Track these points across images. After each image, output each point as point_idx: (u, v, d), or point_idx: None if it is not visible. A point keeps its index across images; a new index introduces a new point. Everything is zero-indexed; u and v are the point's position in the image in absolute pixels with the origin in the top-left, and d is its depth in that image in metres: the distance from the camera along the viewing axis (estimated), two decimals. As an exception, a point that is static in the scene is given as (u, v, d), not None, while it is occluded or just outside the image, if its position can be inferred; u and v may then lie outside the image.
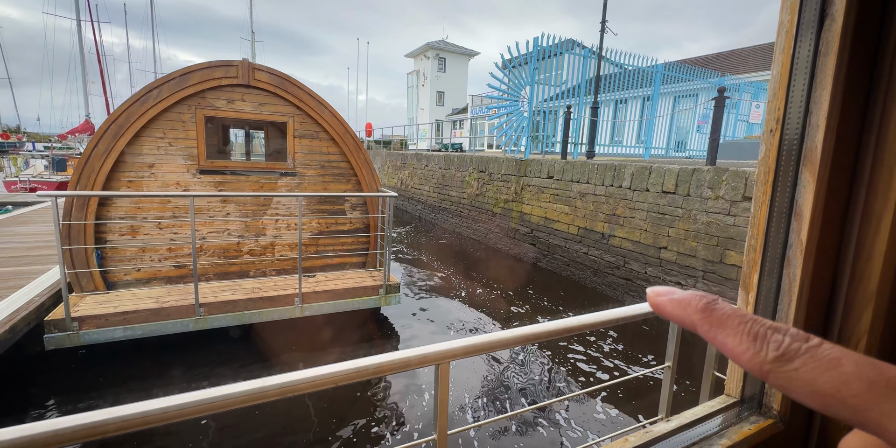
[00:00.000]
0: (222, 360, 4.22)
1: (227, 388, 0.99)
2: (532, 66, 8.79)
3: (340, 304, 4.66)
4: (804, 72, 0.52)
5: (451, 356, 1.36)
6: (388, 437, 3.34)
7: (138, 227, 4.45)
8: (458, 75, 32.08)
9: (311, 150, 5.19)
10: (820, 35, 0.51)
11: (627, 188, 6.54)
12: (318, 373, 1.09)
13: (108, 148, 4.21)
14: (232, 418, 3.37)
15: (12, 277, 4.34)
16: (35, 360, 3.80)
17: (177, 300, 4.04)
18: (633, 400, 3.90)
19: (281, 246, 5.11)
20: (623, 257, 6.59)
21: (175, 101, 4.44)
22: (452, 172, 11.97)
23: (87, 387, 3.66)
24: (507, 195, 9.39)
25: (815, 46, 0.51)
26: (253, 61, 4.83)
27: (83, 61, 21.57)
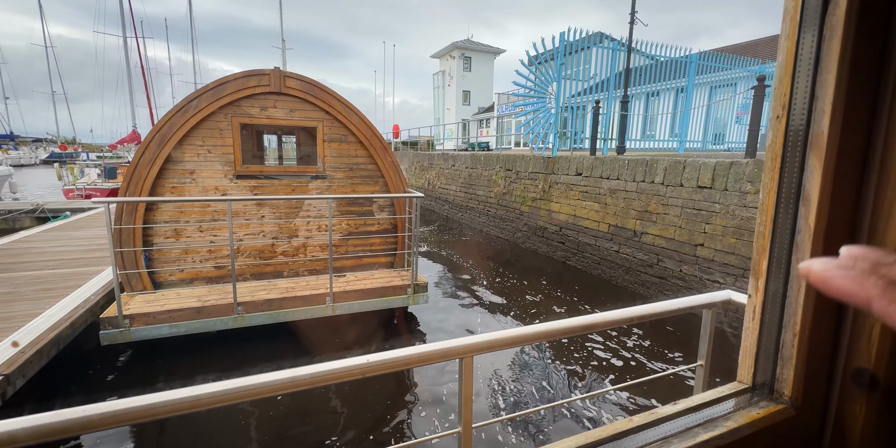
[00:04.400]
0: (259, 355, 4.41)
1: (262, 377, 1.05)
2: (559, 61, 8.65)
3: (370, 304, 4.77)
4: (809, 57, 0.52)
5: (474, 350, 1.39)
6: (414, 428, 3.40)
7: (181, 230, 4.72)
8: (483, 74, 31.98)
9: (340, 154, 5.33)
10: (824, 20, 0.50)
11: (660, 184, 6.33)
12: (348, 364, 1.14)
13: (153, 156, 4.50)
14: (266, 406, 3.53)
15: (71, 278, 4.71)
16: (92, 353, 4.10)
17: (217, 299, 4.26)
18: (661, 399, 3.78)
19: (312, 247, 5.29)
20: (656, 255, 6.39)
21: (213, 111, 4.68)
22: (479, 171, 11.96)
23: (137, 379, 3.93)
24: (535, 193, 9.29)
25: (819, 32, 0.50)
26: (284, 69, 5.02)
27: (129, 75, 23.04)
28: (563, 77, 8.76)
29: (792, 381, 0.66)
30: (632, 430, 0.75)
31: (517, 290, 6.97)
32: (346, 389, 3.84)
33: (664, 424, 0.73)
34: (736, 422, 0.67)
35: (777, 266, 0.62)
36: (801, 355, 0.64)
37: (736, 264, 5.27)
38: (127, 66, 22.54)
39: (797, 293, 0.60)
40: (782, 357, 0.68)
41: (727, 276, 5.39)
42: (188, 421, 3.40)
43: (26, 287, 4.38)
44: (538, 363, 4.50)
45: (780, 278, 0.62)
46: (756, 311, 0.70)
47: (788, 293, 0.62)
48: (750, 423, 0.66)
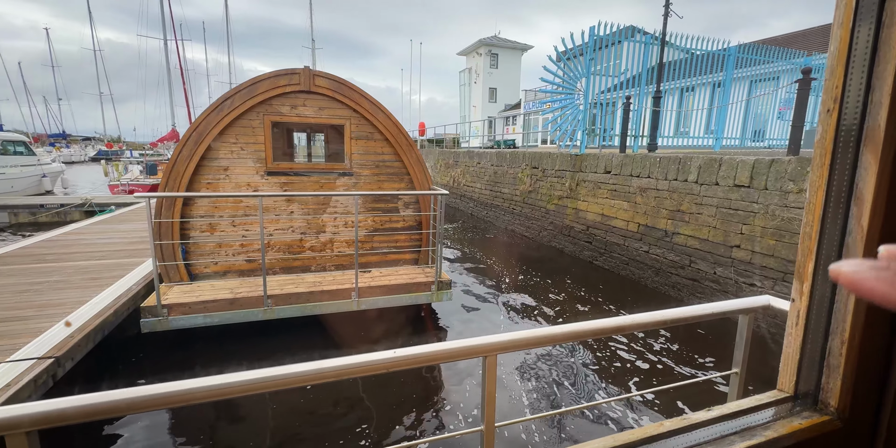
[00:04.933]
0: (288, 347, 4.55)
1: (291, 368, 1.09)
2: (588, 56, 8.45)
3: (394, 299, 4.82)
4: (865, 46, 0.48)
5: (498, 349, 1.38)
6: (437, 424, 3.42)
7: (215, 224, 4.91)
8: (510, 71, 31.62)
9: (367, 151, 5.40)
10: (884, 6, 0.46)
11: (694, 182, 6.10)
12: (374, 358, 1.16)
13: (190, 153, 4.69)
14: (294, 396, 3.63)
15: (115, 268, 4.98)
16: (133, 340, 4.33)
17: (248, 291, 4.41)
18: (690, 405, 3.65)
19: (339, 242, 5.39)
20: (689, 256, 6.17)
21: (246, 109, 4.83)
22: (505, 169, 11.86)
23: (174, 366, 4.13)
24: (562, 191, 9.14)
25: (877, 19, 0.47)
26: (313, 68, 5.12)
27: (169, 76, 24.08)
28: (592, 73, 8.55)
29: (839, 391, 0.62)
30: (663, 435, 0.73)
31: (541, 289, 6.89)
32: (371, 383, 3.90)
33: (697, 431, 0.71)
34: (776, 431, 0.64)
35: (824, 269, 0.58)
36: (849, 364, 0.60)
37: (775, 267, 5.02)
38: (167, 68, 23.58)
39: (846, 298, 0.56)
40: (828, 365, 0.64)
41: (765, 280, 5.15)
42: (219, 407, 3.54)
43: (75, 276, 4.67)
44: (563, 364, 4.44)
45: (828, 282, 0.58)
46: (800, 316, 0.66)
47: (837, 298, 0.58)
48: (791, 433, 0.63)
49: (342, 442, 3.16)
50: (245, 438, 3.20)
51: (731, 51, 9.59)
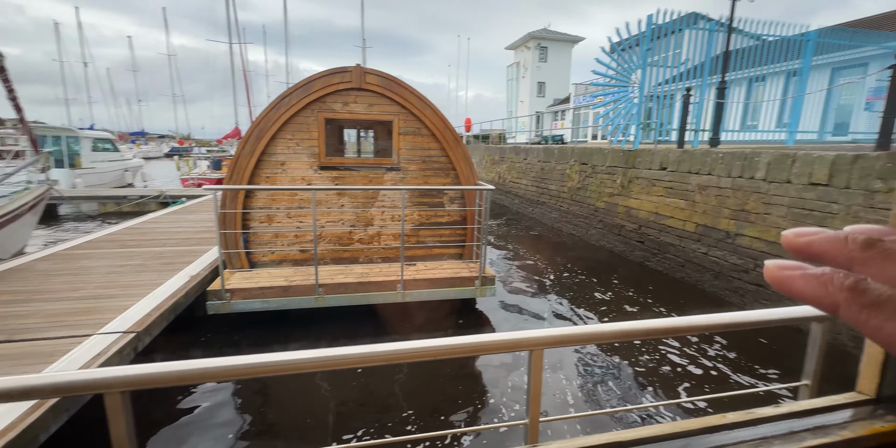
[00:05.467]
0: (336, 334, 4.77)
1: (342, 350, 1.15)
2: (645, 47, 8.03)
3: (438, 293, 4.90)
4: None
5: (544, 344, 1.38)
6: (480, 415, 3.46)
7: (273, 215, 5.22)
8: (560, 64, 30.70)
9: (414, 146, 5.50)
10: None
11: (762, 180, 5.64)
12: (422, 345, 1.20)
13: (252, 149, 5.01)
14: (340, 379, 3.81)
15: (185, 254, 5.45)
16: (201, 320, 4.72)
17: (301, 280, 4.66)
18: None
19: (386, 235, 5.54)
20: (753, 260, 5.73)
21: (301, 107, 5.08)
22: (552, 165, 11.59)
23: (234, 345, 4.46)
24: (612, 189, 8.79)
25: None
26: (364, 66, 5.28)
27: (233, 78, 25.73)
28: (648, 64, 8.11)
29: None
30: (725, 426, 0.70)
31: (587, 288, 6.69)
32: (418, 370, 4.00)
33: (764, 425, 0.68)
34: (854, 432, 0.60)
35: None
36: None
37: (855, 274, 4.55)
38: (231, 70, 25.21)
39: None
40: None
41: (842, 287, 4.67)
42: (275, 383, 3.79)
43: (152, 260, 5.16)
44: (609, 363, 4.31)
45: None
46: None
47: None
48: (871, 435, 0.58)
49: (390, 425, 3.27)
50: (298, 414, 3.41)
51: (810, 36, 8.72)
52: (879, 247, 0.20)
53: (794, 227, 0.22)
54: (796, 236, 0.22)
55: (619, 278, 7.14)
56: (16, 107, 7.25)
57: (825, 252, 0.21)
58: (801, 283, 0.20)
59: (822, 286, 0.20)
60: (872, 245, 0.20)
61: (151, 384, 0.98)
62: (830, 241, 0.21)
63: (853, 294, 0.19)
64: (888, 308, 0.18)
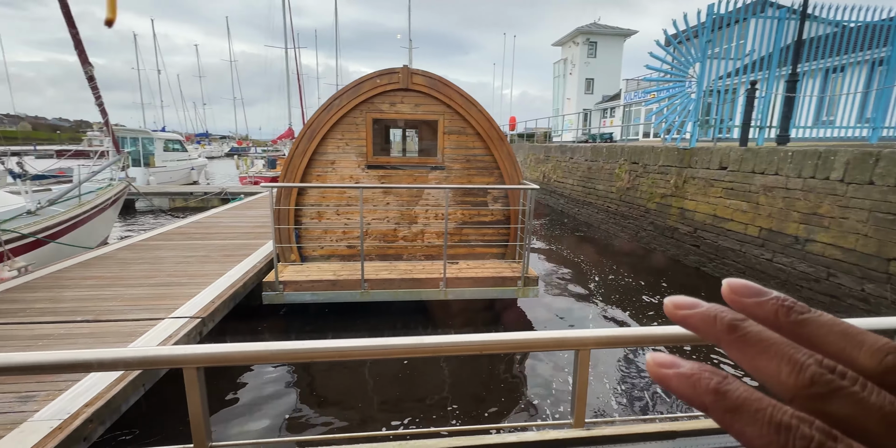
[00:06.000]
0: (380, 328, 4.92)
1: (391, 340, 1.20)
2: (704, 38, 7.57)
3: (480, 292, 4.91)
4: None
5: (591, 344, 1.36)
6: (522, 412, 3.45)
7: (323, 212, 5.46)
8: (610, 59, 29.56)
9: (459, 145, 5.53)
10: None
11: (838, 181, 5.16)
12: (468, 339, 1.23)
13: (304, 149, 5.27)
14: (387, 369, 3.92)
15: (244, 247, 5.83)
16: (257, 309, 5.03)
17: (348, 274, 4.84)
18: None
19: (429, 233, 5.63)
20: (827, 268, 5.25)
21: (351, 108, 5.27)
22: (600, 164, 11.21)
23: (285, 334, 4.72)
24: (665, 189, 8.37)
25: None
26: (410, 67, 5.38)
27: (287, 81, 27.07)
28: (708, 56, 7.63)
29: None
30: None
31: (635, 292, 6.43)
32: (462, 364, 4.05)
33: None
34: None
35: None
36: None
37: (950, 286, 4.05)
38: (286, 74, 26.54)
39: None
40: None
41: (933, 301, 4.18)
42: (324, 370, 3.98)
43: (215, 252, 5.57)
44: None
45: None
46: None
47: None
48: None
49: (435, 417, 3.34)
50: (346, 399, 3.56)
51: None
52: (740, 332, 0.20)
53: (679, 297, 0.23)
54: (675, 308, 0.22)
55: (671, 283, 6.79)
56: (102, 111, 8.07)
57: (699, 329, 0.21)
58: (674, 382, 0.20)
59: (692, 387, 0.20)
60: (735, 329, 0.20)
61: (223, 362, 1.08)
62: (703, 320, 0.21)
63: (716, 397, 0.19)
64: (745, 412, 0.18)
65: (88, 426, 2.26)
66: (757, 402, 0.18)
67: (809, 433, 0.17)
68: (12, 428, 2.16)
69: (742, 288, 0.22)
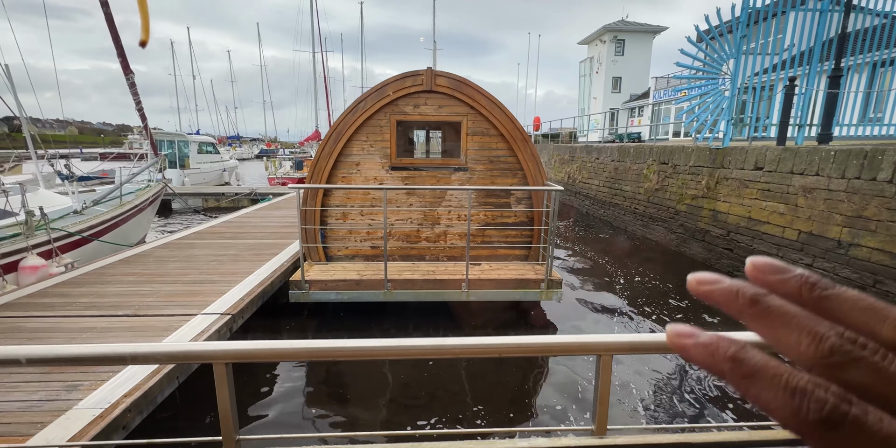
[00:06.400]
0: (401, 327, 4.96)
1: (412, 341, 1.22)
2: (739, 33, 7.28)
3: (502, 294, 4.88)
4: None
5: (614, 349, 1.34)
6: (543, 416, 3.40)
7: (347, 213, 5.56)
8: (638, 57, 28.81)
9: (482, 146, 5.52)
10: None
11: (886, 181, 4.86)
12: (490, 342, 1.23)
13: (330, 151, 5.38)
14: (409, 369, 3.96)
15: (272, 246, 6.00)
16: (281, 307, 5.17)
17: (372, 274, 4.91)
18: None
19: (452, 235, 5.64)
20: (873, 274, 4.96)
21: (375, 110, 5.34)
22: (627, 165, 10.95)
23: (310, 332, 4.83)
24: (696, 190, 8.10)
25: None
26: (434, 68, 5.41)
27: (315, 84, 27.72)
28: (743, 52, 7.34)
29: None
30: None
31: (664, 299, 6.24)
32: (484, 366, 4.04)
33: None
34: None
35: None
36: None
37: None
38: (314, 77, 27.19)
39: None
40: None
41: None
42: (347, 368, 4.05)
43: (245, 251, 5.76)
44: (684, 375, 3.99)
45: None
46: None
47: None
48: None
49: (461, 416, 3.35)
50: (366, 396, 3.62)
51: (958, 9, 7.30)
52: (762, 305, 0.21)
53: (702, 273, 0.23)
54: (698, 284, 0.23)
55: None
56: (141, 116, 8.49)
57: (721, 303, 0.22)
58: (693, 351, 0.21)
59: (710, 355, 0.20)
60: (757, 302, 0.21)
61: (250, 358, 1.12)
62: (725, 294, 0.22)
63: (734, 364, 0.19)
64: (762, 378, 0.19)
65: (127, 415, 2.38)
66: (774, 368, 0.19)
67: (825, 397, 0.17)
68: (59, 414, 2.30)
69: (766, 265, 0.22)
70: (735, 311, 0.21)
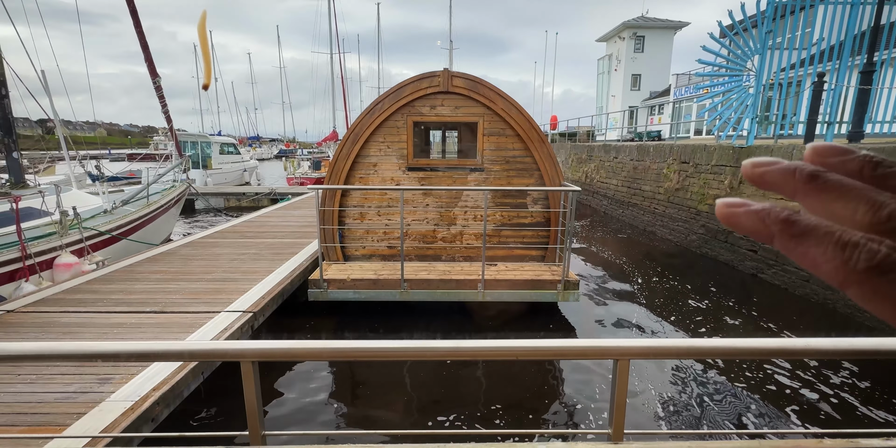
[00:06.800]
0: (418, 327, 5.00)
1: (431, 343, 1.24)
2: (764, 28, 7.07)
3: (518, 294, 4.87)
4: None
5: (632, 354, 1.34)
6: (559, 419, 3.39)
7: (365, 213, 5.63)
8: (659, 54, 28.21)
9: (498, 147, 5.52)
10: None
11: (919, 181, 4.65)
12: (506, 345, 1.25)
13: (348, 152, 5.45)
14: (427, 370, 3.99)
15: (291, 246, 6.12)
16: (300, 306, 5.28)
17: (388, 274, 4.97)
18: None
19: (468, 235, 5.65)
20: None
21: (393, 111, 5.39)
22: (647, 164, 10.76)
23: (328, 330, 4.91)
24: (719, 190, 7.91)
25: None
26: (450, 69, 5.42)
27: (332, 85, 28.07)
28: (769, 47, 7.12)
29: None
30: None
31: (684, 302, 6.12)
32: (499, 369, 4.05)
33: None
34: None
35: None
36: None
37: None
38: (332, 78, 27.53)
39: None
40: None
41: None
42: (364, 368, 4.11)
43: (265, 250, 5.90)
44: (703, 380, 3.92)
45: None
46: None
47: None
48: None
49: (480, 415, 3.36)
50: (385, 396, 3.67)
51: None
52: (820, 180, 0.21)
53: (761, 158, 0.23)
54: (753, 167, 0.23)
55: (723, 290, 6.41)
56: (167, 118, 8.75)
57: (776, 183, 0.22)
58: (743, 218, 0.21)
59: (761, 220, 0.21)
60: (815, 178, 0.21)
61: (276, 357, 1.16)
62: (782, 173, 0.22)
63: (785, 225, 0.20)
64: (812, 236, 0.19)
65: (155, 408, 2.48)
66: (826, 227, 0.19)
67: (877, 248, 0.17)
68: (93, 406, 2.41)
69: (826, 149, 0.22)
70: (790, 190, 0.21)
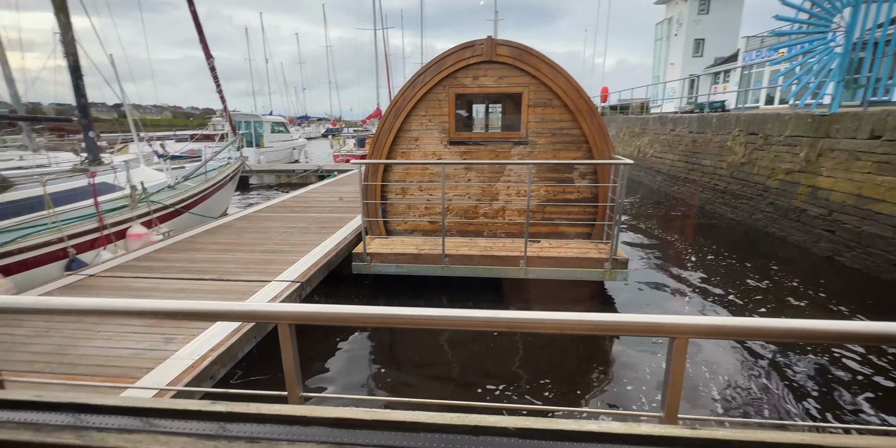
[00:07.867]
0: (458, 301, 5.03)
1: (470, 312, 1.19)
2: (863, -25, 6.08)
3: (562, 273, 4.72)
4: None
5: (690, 332, 1.22)
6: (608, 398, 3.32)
7: (406, 188, 5.63)
8: (726, 15, 25.37)
9: (544, 119, 5.25)
10: None
11: None
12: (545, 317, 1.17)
13: (390, 127, 5.42)
14: (471, 341, 4.02)
15: (337, 220, 6.29)
16: (344, 278, 5.45)
17: (430, 249, 4.98)
18: None
19: (510, 211, 5.51)
20: None
21: (434, 84, 5.25)
22: (708, 136, 9.91)
23: (370, 299, 5.06)
24: (792, 164, 7.15)
25: None
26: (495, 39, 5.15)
27: (376, 62, 27.99)
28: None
29: None
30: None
31: (748, 285, 5.69)
32: (549, 343, 4.01)
33: None
34: None
35: None
36: None
37: None
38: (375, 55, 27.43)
39: None
40: None
41: None
42: (405, 336, 4.21)
43: (312, 224, 6.11)
44: (767, 363, 3.65)
45: None
46: None
47: None
48: None
49: (528, 387, 3.36)
50: (425, 366, 3.75)
51: None
52: None
53: None
54: None
55: (793, 273, 5.87)
56: (221, 98, 9.12)
57: None
58: None
59: None
60: None
61: (311, 321, 1.16)
62: None
63: None
64: None
65: (213, 367, 2.67)
66: None
67: None
68: (160, 362, 2.64)
69: None
70: None
